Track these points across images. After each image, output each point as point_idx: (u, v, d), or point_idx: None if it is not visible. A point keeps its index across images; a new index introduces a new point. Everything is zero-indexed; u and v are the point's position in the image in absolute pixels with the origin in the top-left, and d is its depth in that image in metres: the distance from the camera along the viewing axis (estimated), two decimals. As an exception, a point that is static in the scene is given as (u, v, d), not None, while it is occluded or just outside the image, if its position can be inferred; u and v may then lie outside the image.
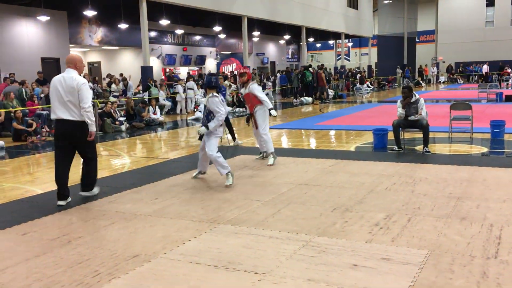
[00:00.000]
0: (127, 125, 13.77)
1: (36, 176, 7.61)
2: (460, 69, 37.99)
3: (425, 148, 8.03)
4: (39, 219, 4.99)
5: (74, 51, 22.61)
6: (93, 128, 5.55)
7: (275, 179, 6.46)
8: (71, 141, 5.59)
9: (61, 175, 5.62)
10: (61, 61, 19.04)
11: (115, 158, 9.11)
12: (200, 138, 6.86)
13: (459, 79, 36.97)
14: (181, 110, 17.97)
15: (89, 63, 24.66)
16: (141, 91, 18.01)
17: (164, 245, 4.10)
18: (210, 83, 6.29)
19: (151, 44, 19.23)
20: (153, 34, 22.44)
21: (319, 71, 22.65)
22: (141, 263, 3.71)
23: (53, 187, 6.58)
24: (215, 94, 6.19)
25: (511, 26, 36.84)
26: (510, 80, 28.78)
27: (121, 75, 19.82)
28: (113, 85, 18.67)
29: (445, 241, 3.95)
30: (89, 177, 5.89)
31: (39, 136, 11.81)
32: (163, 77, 23.35)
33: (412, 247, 3.84)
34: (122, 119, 13.97)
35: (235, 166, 7.43)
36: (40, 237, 4.45)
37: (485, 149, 8.49)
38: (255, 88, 7.45)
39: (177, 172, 7.18)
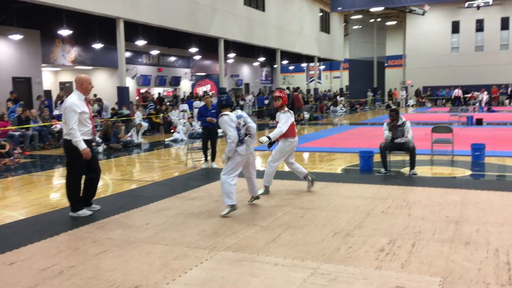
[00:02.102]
0: (104, 146, 13.42)
1: (14, 200, 7.23)
2: (428, 93, 39.00)
3: (412, 170, 8.07)
4: (24, 247, 4.69)
5: (46, 71, 22.11)
6: (80, 146, 5.61)
7: (267, 202, 6.32)
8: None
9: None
10: (32, 81, 18.56)
11: (95, 181, 8.78)
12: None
13: (427, 103, 37.90)
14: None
15: (60, 83, 24.14)
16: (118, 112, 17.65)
17: (164, 274, 3.89)
18: (220, 102, 5.90)
19: (126, 65, 18.96)
20: (128, 54, 22.17)
21: (295, 93, 22.77)
22: (145, 295, 3.49)
23: (35, 212, 6.29)
24: (225, 113, 5.69)
25: (475, 52, 38.20)
26: (477, 104, 29.68)
27: (95, 95, 19.41)
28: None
29: (455, 267, 3.89)
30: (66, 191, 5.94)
31: (12, 158, 11.34)
32: (137, 97, 23.09)
33: (423, 274, 3.75)
34: (98, 140, 13.61)
35: (224, 189, 7.25)
36: (28, 266, 4.16)
37: (468, 172, 8.59)
38: (280, 116, 6.77)
39: (164, 195, 6.95)
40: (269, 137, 6.48)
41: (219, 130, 10.79)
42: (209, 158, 9.68)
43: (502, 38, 37.32)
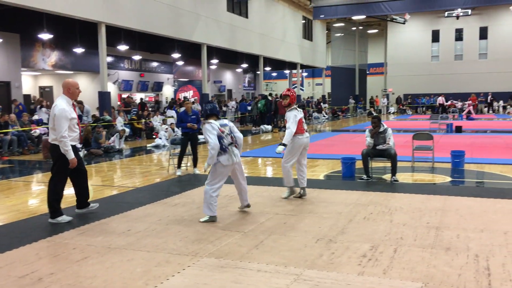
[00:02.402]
0: (85, 152, 13.24)
1: (-9, 206, 7.08)
2: (409, 101, 39.51)
3: (393, 177, 8.14)
4: (2, 254, 4.59)
5: (26, 75, 21.78)
6: (69, 156, 5.62)
7: (251, 208, 6.30)
8: None
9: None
10: (11, 85, 18.26)
11: (75, 187, 8.66)
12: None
13: (408, 110, 38.39)
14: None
15: (40, 88, 23.80)
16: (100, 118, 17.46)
17: (146, 281, 3.85)
18: (205, 112, 5.83)
19: (108, 70, 18.78)
20: (109, 59, 21.97)
21: (280, 99, 22.84)
22: (126, 302, 3.44)
23: (13, 218, 6.17)
24: (208, 121, 5.66)
25: (455, 61, 38.89)
26: (465, 111, 30.13)
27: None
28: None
29: (436, 272, 3.92)
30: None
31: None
32: (119, 102, 22.90)
33: (405, 280, 3.78)
34: (79, 146, 13.40)
35: (206, 195, 7.22)
36: (7, 274, 4.07)
37: (448, 178, 8.70)
38: (287, 115, 6.71)
39: (145, 201, 6.88)
40: (283, 144, 6.46)
41: (200, 136, 10.73)
42: (189, 164, 9.65)
43: (481, 47, 38.10)
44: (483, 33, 37.80)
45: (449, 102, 33.75)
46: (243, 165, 6.23)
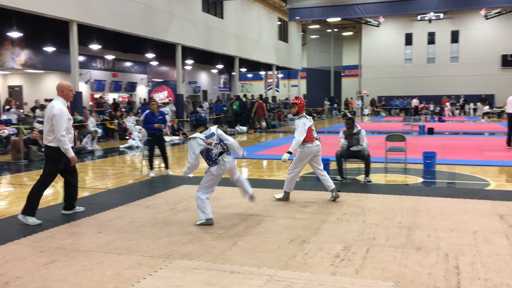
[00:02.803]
0: (55, 152, 12.95)
1: (-44, 208, 6.86)
2: (383, 103, 40.06)
3: (367, 178, 8.22)
4: (-34, 258, 4.44)
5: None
6: (69, 154, 5.69)
7: (225, 210, 6.27)
8: None
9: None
10: (-21, 84, 17.76)
11: (45, 188, 8.47)
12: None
13: (382, 112, 38.92)
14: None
15: (9, 87, 23.21)
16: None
17: (116, 284, 3.77)
18: (191, 123, 5.78)
19: (79, 69, 18.45)
20: (81, 58, 21.60)
21: (259, 100, 22.85)
22: (95, 306, 3.37)
23: (-21, 221, 5.99)
24: (193, 135, 5.50)
25: (427, 64, 39.61)
26: (429, 114, 30.71)
27: (46, 100, 18.77)
28: (37, 110, 17.62)
29: (407, 272, 3.96)
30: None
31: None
32: (91, 103, 22.53)
33: (377, 279, 3.81)
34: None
35: (180, 197, 7.17)
36: (-30, 279, 3.94)
37: (420, 179, 8.84)
38: (296, 123, 6.59)
39: (118, 203, 6.77)
40: (289, 152, 6.38)
41: (167, 138, 10.64)
42: (162, 165, 9.55)
43: (452, 50, 38.91)
44: (455, 37, 38.63)
45: (421, 105, 34.37)
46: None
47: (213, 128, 5.67)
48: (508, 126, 13.40)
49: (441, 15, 35.06)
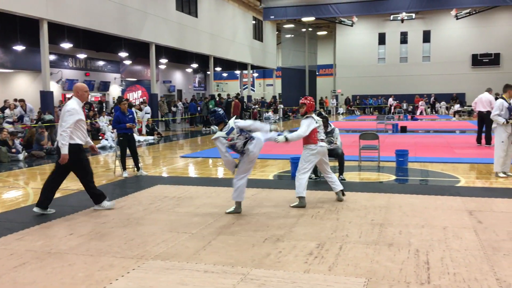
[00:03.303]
0: (26, 153, 12.70)
1: None
2: (357, 102, 40.51)
3: (341, 176, 8.30)
4: None
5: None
6: (63, 150, 5.88)
7: (199, 209, 6.25)
8: None
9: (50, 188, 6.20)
10: None
11: (14, 190, 8.29)
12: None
13: (356, 111, 39.36)
14: None
15: (-22, 86, 22.61)
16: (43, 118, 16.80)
17: (87, 286, 3.72)
18: (212, 122, 6.13)
19: (51, 68, 18.07)
20: (52, 57, 21.19)
21: (235, 99, 22.82)
22: (65, 309, 3.31)
23: None
24: (216, 135, 5.84)
25: (400, 63, 40.23)
26: (402, 113, 31.20)
27: (15, 100, 18.34)
28: (7, 111, 17.20)
29: (378, 268, 4.02)
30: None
31: None
32: (63, 102, 22.10)
33: (349, 276, 3.85)
34: (19, 147, 12.85)
35: (154, 197, 7.10)
36: None
37: (393, 177, 8.97)
38: (302, 122, 6.51)
39: (90, 204, 6.65)
40: (286, 138, 6.28)
41: (138, 137, 10.58)
42: (132, 166, 9.48)
43: (424, 50, 39.61)
44: (427, 37, 39.32)
45: (394, 103, 34.88)
46: (195, 164, 6.12)
47: (231, 122, 5.85)
48: (478, 124, 13.72)
49: (413, 15, 35.63)
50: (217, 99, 24.61)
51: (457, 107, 33.27)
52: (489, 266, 4.02)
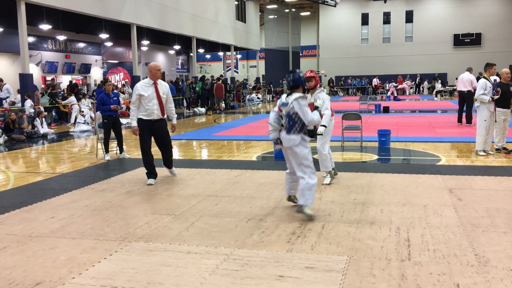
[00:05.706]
0: (5, 137, 12.49)
1: None
2: (341, 83, 40.57)
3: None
4: None
5: None
6: (132, 123, 6.77)
7: (182, 191, 6.23)
8: None
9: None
10: None
11: (-5, 175, 8.17)
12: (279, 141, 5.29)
13: (339, 92, 39.44)
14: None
15: (-46, 70, 22.06)
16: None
17: (70, 269, 3.70)
18: (288, 84, 5.00)
19: (30, 51, 17.69)
20: (31, 39, 20.75)
21: (218, 82, 22.65)
22: (47, 292, 3.29)
23: None
24: (298, 95, 4.88)
25: (383, 44, 40.29)
26: (385, 93, 31.34)
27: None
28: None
29: (360, 246, 4.07)
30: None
31: None
32: (43, 85, 21.72)
33: (331, 254, 3.89)
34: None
35: (137, 180, 7.06)
36: None
37: (375, 156, 9.04)
38: (321, 96, 6.13)
39: (72, 187, 6.61)
40: (324, 126, 6.17)
41: (123, 120, 10.45)
42: (116, 149, 9.38)
43: (407, 30, 39.67)
44: (409, 17, 39.35)
45: (377, 84, 35.01)
46: (180, 146, 6.07)
47: (293, 97, 4.89)
48: (458, 103, 13.86)
49: (396, -5, 35.59)
50: (206, 81, 24.38)
51: (439, 86, 33.53)
52: (468, 242, 4.10)
